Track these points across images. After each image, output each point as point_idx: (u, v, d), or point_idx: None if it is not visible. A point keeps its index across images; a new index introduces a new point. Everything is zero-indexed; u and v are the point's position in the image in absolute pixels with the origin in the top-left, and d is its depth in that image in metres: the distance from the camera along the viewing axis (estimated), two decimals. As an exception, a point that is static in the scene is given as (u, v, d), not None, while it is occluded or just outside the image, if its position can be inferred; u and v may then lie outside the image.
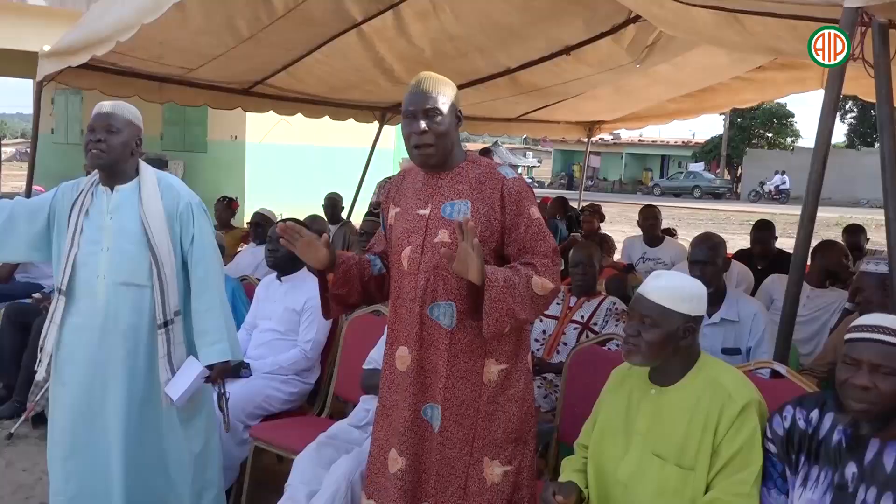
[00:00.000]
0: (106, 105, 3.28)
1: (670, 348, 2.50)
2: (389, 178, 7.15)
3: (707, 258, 3.94)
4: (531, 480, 2.85)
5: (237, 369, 3.91)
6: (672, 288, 2.52)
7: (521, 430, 2.79)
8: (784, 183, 37.13)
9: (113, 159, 3.22)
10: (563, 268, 6.90)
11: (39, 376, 3.32)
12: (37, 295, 5.84)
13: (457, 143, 2.78)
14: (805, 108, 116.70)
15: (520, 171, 46.07)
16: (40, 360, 3.31)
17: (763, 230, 6.24)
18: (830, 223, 22.91)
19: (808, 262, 4.07)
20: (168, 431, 3.36)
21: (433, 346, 2.73)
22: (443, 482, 2.74)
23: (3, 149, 16.47)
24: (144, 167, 3.35)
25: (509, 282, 2.59)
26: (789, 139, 43.46)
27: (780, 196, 36.47)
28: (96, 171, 3.32)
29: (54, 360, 3.30)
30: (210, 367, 3.29)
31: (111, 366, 3.24)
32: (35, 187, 6.78)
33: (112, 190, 3.27)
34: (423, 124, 2.65)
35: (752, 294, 5.06)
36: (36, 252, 3.41)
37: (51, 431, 3.38)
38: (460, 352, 2.71)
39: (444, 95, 2.69)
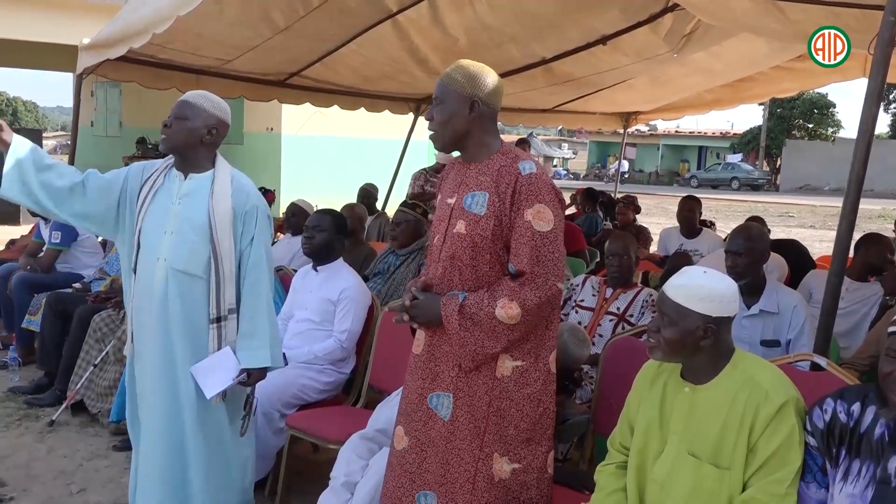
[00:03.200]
0: (189, 94, 3.32)
1: (689, 347, 2.44)
2: (425, 169, 7.16)
3: (740, 248, 3.87)
4: (541, 482, 2.80)
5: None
6: (691, 287, 2.44)
7: (534, 430, 2.75)
8: (622, 166, 43.52)
9: (175, 144, 3.24)
10: (598, 259, 6.93)
11: (127, 352, 3.36)
12: (77, 285, 5.93)
13: (477, 133, 2.77)
14: (847, 98, 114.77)
15: (555, 162, 46.01)
16: (128, 340, 3.34)
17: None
18: (873, 215, 22.56)
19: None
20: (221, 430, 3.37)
21: (445, 333, 2.72)
22: (451, 473, 2.74)
23: (44, 142, 16.71)
24: (222, 162, 3.36)
25: (474, 318, 2.65)
26: (830, 130, 42.75)
27: (621, 175, 42.19)
28: (171, 155, 3.34)
29: (134, 340, 3.32)
30: (248, 371, 3.27)
31: (172, 350, 3.24)
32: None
33: (186, 177, 3.29)
34: (430, 112, 2.78)
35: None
36: (95, 224, 3.35)
37: (135, 409, 3.40)
38: None
39: (454, 85, 2.72)
